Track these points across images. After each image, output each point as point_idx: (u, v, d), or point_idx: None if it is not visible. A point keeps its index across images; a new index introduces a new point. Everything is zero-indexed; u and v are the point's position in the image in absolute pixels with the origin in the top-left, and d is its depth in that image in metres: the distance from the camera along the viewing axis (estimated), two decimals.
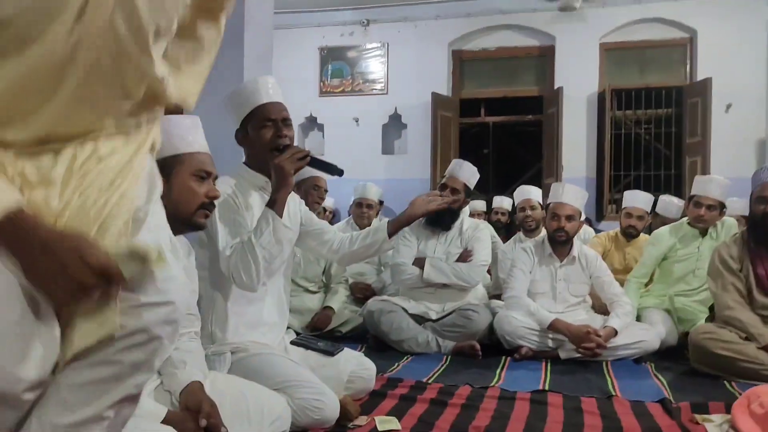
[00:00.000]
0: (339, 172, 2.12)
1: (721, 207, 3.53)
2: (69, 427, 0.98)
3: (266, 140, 2.07)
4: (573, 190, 3.32)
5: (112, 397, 1.01)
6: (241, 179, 2.16)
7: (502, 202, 5.90)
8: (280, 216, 2.01)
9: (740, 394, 2.22)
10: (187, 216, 1.62)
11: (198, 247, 2.06)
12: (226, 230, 2.04)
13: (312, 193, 3.59)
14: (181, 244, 1.72)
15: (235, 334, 2.11)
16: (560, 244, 3.30)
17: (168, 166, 1.56)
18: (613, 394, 2.45)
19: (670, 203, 4.43)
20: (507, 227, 5.75)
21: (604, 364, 3.00)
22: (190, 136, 1.63)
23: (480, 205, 6.21)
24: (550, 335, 3.11)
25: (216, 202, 1.71)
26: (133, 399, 1.06)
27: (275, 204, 2.01)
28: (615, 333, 3.05)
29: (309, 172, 3.34)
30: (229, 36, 3.72)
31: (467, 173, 3.47)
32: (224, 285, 2.09)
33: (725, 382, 2.66)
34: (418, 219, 2.45)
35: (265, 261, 1.99)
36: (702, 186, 3.58)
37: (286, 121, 2.11)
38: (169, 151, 1.57)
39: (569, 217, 3.25)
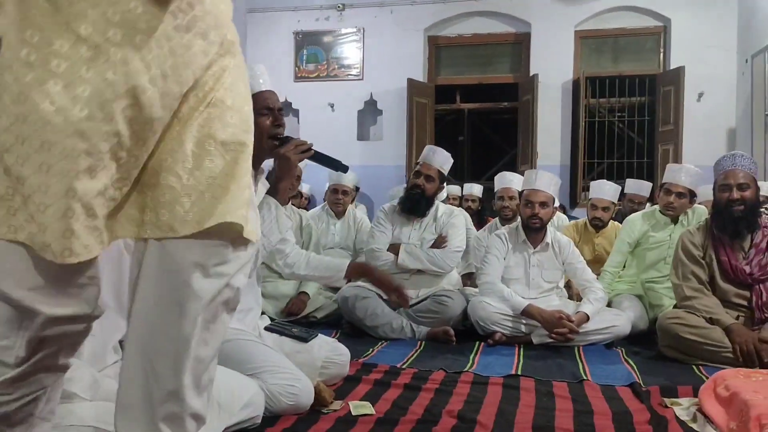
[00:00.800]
0: (344, 168, 2.11)
1: (691, 195, 3.59)
2: None
3: (265, 128, 2.03)
4: (546, 177, 3.34)
5: None
6: None
7: (472, 189, 5.91)
8: (283, 205, 2.00)
9: (707, 378, 2.27)
10: None
11: None
12: None
13: None
14: None
15: None
16: (534, 230, 3.32)
17: None
18: (585, 378, 2.48)
19: (639, 184, 4.50)
20: (478, 214, 5.77)
21: (575, 348, 3.03)
22: None
23: (456, 189, 6.23)
24: (524, 321, 3.14)
25: None
26: None
27: (277, 193, 2.01)
28: (587, 318, 3.09)
29: None
30: None
31: (441, 159, 3.47)
32: None
33: (693, 366, 2.71)
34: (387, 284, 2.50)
35: (263, 248, 1.99)
36: (672, 174, 3.63)
37: (281, 111, 2.10)
38: None
39: (543, 204, 3.27)
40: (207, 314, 1.03)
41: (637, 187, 4.52)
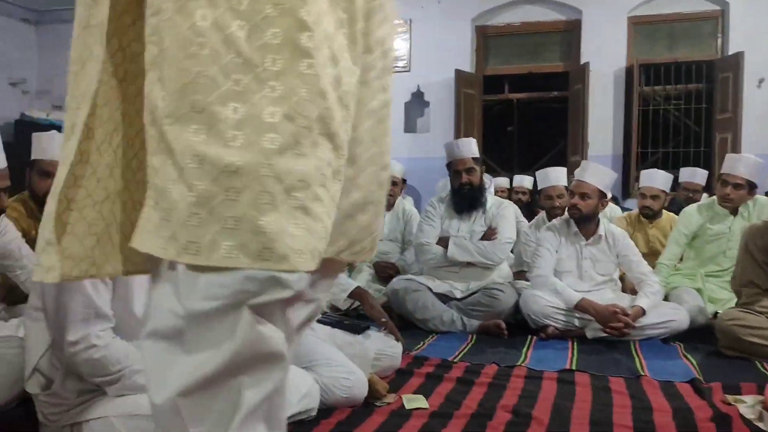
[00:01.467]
0: None
1: (750, 186, 3.45)
2: None
3: None
4: (596, 169, 3.27)
5: None
6: None
7: (522, 181, 5.80)
8: None
9: None
10: None
11: None
12: None
13: None
14: None
15: None
16: (584, 222, 3.26)
17: None
18: (642, 374, 2.42)
19: (693, 171, 4.35)
20: (528, 206, 5.65)
21: (631, 343, 2.96)
22: None
23: (504, 181, 6.14)
24: (577, 315, 3.08)
25: None
26: None
27: None
28: (643, 312, 3.02)
29: None
30: None
31: (466, 147, 3.43)
32: None
33: (757, 362, 2.61)
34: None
35: None
36: (730, 164, 3.49)
37: None
38: None
39: (583, 195, 3.22)
40: None
41: (691, 174, 4.37)
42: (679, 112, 7.03)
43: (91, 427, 1.44)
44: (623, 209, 5.27)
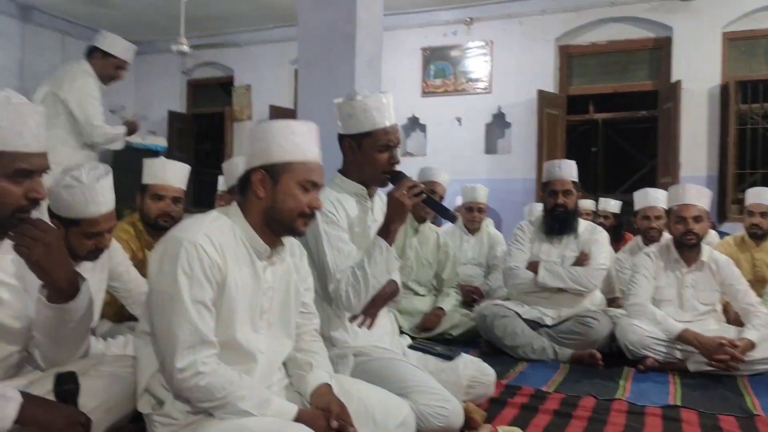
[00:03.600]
0: (452, 218, 2.18)
1: None
2: None
3: (382, 163, 2.09)
4: (696, 190, 3.11)
5: None
6: (337, 188, 2.16)
7: (607, 205, 5.51)
8: (391, 245, 2.02)
9: None
10: (288, 222, 1.60)
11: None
12: (332, 250, 2.04)
13: None
14: (293, 244, 1.75)
15: (356, 338, 2.12)
16: (688, 248, 3.09)
17: (277, 171, 1.57)
18: (756, 413, 2.26)
19: None
20: (613, 230, 5.35)
21: (739, 379, 2.77)
22: (304, 144, 1.61)
23: (589, 204, 5.94)
24: (678, 346, 2.92)
25: (319, 216, 1.73)
26: None
27: (388, 235, 2.01)
28: (753, 346, 2.82)
29: None
30: (341, 39, 3.79)
31: (568, 170, 3.32)
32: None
33: None
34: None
35: (374, 288, 2.02)
36: None
37: (398, 146, 2.14)
38: (280, 156, 1.58)
39: (697, 218, 3.05)
40: None
41: None
42: None
43: None
44: (720, 234, 4.99)
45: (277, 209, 1.57)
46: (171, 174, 2.73)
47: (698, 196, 3.09)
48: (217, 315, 1.51)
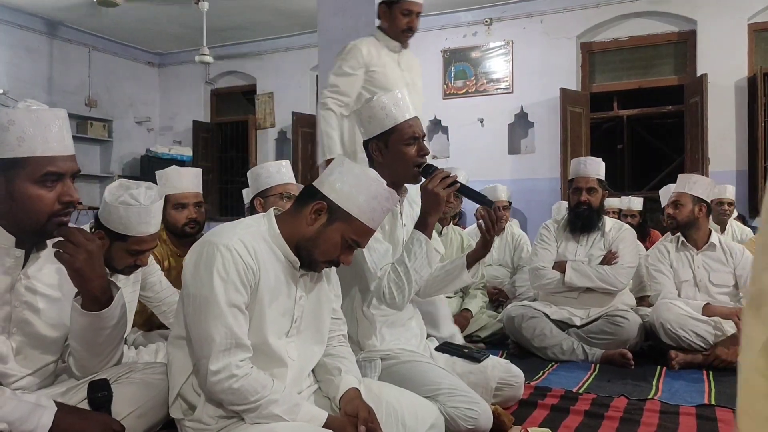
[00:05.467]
0: (489, 203, 2.05)
1: None
2: None
3: (412, 156, 2.06)
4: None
5: None
6: None
7: (630, 203, 5.41)
8: (430, 238, 2.00)
9: None
10: (312, 261, 1.59)
11: None
12: (368, 249, 2.00)
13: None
14: None
15: (383, 341, 2.12)
16: (686, 230, 3.19)
17: (337, 214, 1.56)
18: None
19: None
20: (639, 228, 5.26)
21: None
22: (370, 207, 1.59)
23: (615, 202, 5.86)
24: (712, 323, 2.96)
25: None
26: None
27: (426, 227, 1.99)
28: None
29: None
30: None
31: (594, 167, 3.29)
32: (368, 298, 2.10)
33: None
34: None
35: (416, 283, 2.00)
36: None
37: (424, 137, 2.11)
38: (351, 208, 1.56)
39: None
40: None
41: None
42: None
43: None
44: (753, 229, 4.89)
45: (313, 246, 1.57)
46: (187, 180, 2.77)
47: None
48: (249, 319, 1.52)
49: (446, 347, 2.36)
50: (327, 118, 3.14)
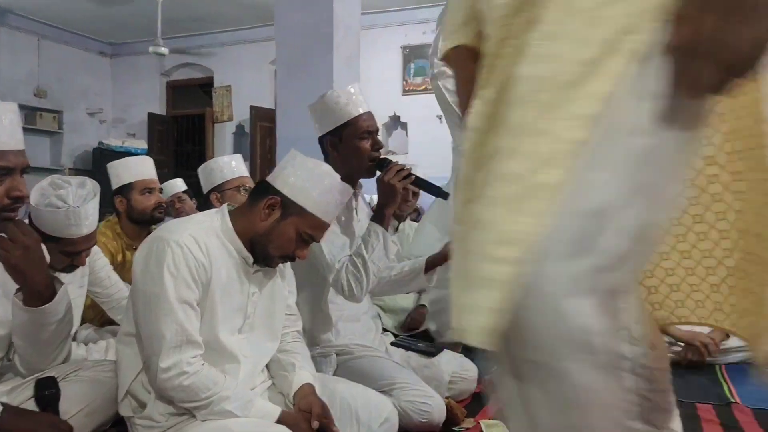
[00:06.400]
0: (444, 195, 2.09)
1: None
2: None
3: (366, 150, 2.08)
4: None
5: None
6: None
7: None
8: (387, 230, 2.03)
9: None
10: (267, 256, 1.60)
11: None
12: (325, 242, 2.00)
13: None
14: None
15: (338, 336, 2.14)
16: None
17: (290, 209, 1.57)
18: (732, 400, 2.31)
19: None
20: None
21: (717, 368, 2.83)
22: (329, 206, 1.60)
23: None
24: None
25: None
26: None
27: (383, 220, 2.02)
28: (727, 335, 2.88)
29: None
30: (319, 38, 3.80)
31: None
32: (325, 292, 2.12)
33: None
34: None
35: (374, 275, 2.02)
36: None
37: (378, 132, 2.14)
38: (304, 201, 1.57)
39: None
40: None
41: None
42: None
43: None
44: None
45: (267, 241, 1.58)
46: (150, 167, 2.79)
47: None
48: (201, 315, 1.51)
49: (402, 342, 2.39)
50: None
